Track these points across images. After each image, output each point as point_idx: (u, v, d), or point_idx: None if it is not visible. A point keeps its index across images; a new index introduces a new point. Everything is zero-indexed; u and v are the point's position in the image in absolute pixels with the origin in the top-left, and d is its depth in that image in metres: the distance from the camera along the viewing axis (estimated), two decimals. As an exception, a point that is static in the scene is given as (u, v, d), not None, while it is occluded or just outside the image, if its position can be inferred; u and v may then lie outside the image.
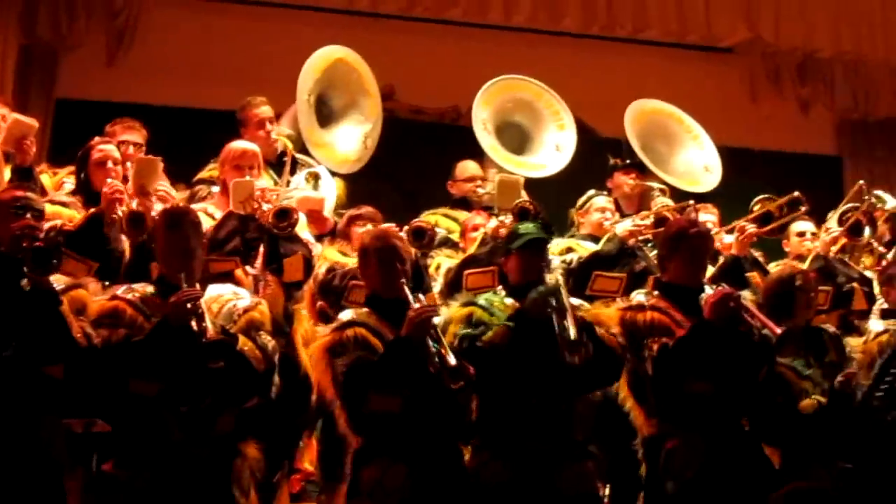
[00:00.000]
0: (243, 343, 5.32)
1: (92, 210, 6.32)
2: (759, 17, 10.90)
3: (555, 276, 5.59)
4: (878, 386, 5.82)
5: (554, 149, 8.21)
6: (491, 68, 8.50)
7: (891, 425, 5.79)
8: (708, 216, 7.86)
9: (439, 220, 7.63)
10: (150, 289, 5.43)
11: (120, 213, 6.18)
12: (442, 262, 7.04)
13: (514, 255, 5.70)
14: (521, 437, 5.40)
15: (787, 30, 10.95)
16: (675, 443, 5.57)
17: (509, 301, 5.60)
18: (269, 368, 5.40)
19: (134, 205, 6.24)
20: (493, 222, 6.91)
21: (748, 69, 11.60)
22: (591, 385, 5.59)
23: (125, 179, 6.54)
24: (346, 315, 5.47)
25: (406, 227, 6.77)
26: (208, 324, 5.16)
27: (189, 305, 5.14)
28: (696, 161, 8.50)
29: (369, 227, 7.01)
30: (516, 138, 8.25)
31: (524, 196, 7.12)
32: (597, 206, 7.73)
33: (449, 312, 5.60)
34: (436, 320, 5.33)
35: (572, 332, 5.31)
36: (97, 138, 6.84)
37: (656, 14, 10.73)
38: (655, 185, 8.07)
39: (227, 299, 5.50)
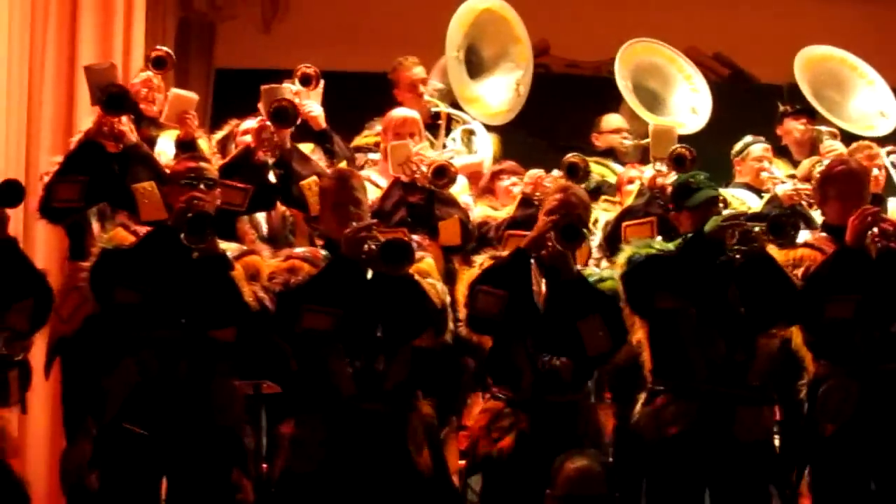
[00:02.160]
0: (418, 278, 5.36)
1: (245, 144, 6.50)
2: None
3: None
4: None
5: (689, 111, 8.10)
6: (645, 19, 8.43)
7: None
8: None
9: (591, 166, 7.54)
10: (322, 252, 5.51)
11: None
12: (599, 216, 7.00)
13: (688, 211, 5.67)
14: (700, 381, 5.42)
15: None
16: (831, 384, 5.50)
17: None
18: (444, 307, 5.44)
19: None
20: (650, 172, 6.83)
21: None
22: (768, 323, 5.53)
23: None
24: None
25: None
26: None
27: (363, 234, 5.21)
28: (870, 106, 8.30)
29: (515, 179, 7.05)
30: (649, 101, 8.16)
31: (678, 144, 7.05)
32: (754, 155, 7.59)
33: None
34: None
35: None
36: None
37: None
38: (825, 129, 7.90)
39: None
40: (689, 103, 8.15)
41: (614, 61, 8.03)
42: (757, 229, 5.42)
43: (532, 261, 5.46)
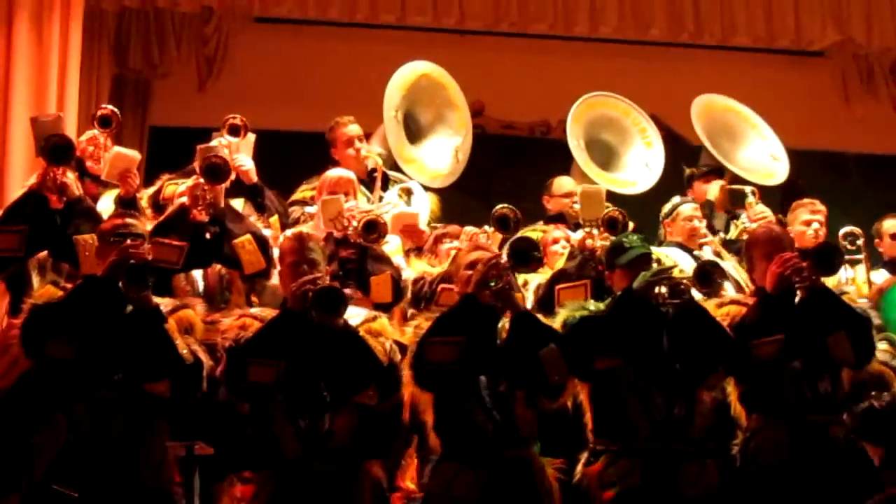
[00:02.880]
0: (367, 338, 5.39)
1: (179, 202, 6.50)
2: (849, 19, 10.75)
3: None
4: None
5: (643, 166, 8.18)
6: (579, 81, 8.53)
7: None
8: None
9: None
10: (269, 313, 5.52)
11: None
12: (530, 279, 7.02)
13: (621, 270, 5.76)
14: (642, 438, 5.49)
15: (878, 31, 10.78)
16: (762, 437, 5.57)
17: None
18: (392, 366, 5.44)
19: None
20: (580, 234, 6.89)
21: (840, 72, 11.44)
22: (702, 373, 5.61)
23: None
24: None
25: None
26: None
27: (308, 287, 5.24)
28: (761, 153, 8.44)
29: (456, 244, 7.09)
30: (604, 155, 8.23)
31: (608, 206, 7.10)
32: (684, 215, 7.69)
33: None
34: None
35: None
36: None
37: (744, 20, 10.62)
38: (747, 187, 8.00)
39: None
40: (643, 159, 8.22)
41: (547, 122, 8.11)
42: (685, 282, 5.51)
43: None
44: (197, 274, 6.66)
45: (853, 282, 7.29)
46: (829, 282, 6.26)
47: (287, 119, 9.71)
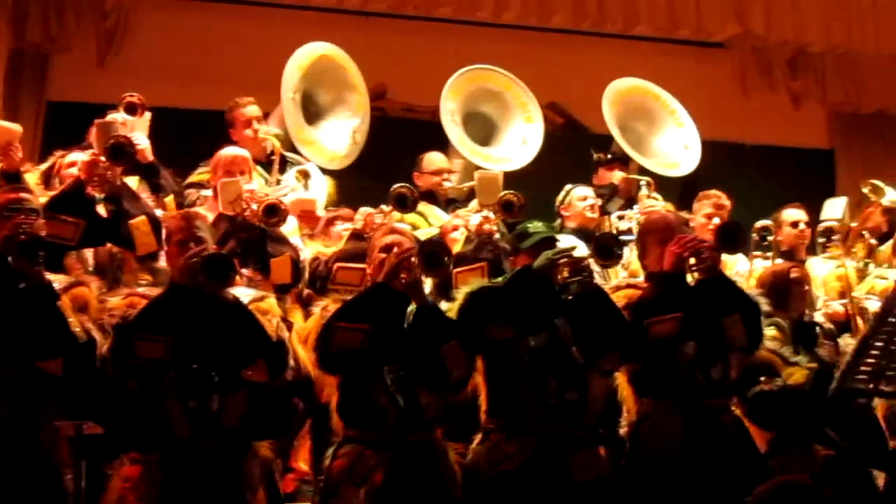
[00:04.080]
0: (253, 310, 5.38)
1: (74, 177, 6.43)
2: (749, 12, 10.89)
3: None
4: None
5: (520, 142, 8.19)
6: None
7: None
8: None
9: (404, 217, 7.55)
10: (157, 291, 5.48)
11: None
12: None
13: (525, 254, 5.80)
14: (534, 420, 5.52)
15: (777, 24, 10.93)
16: (655, 421, 5.63)
17: None
18: (280, 342, 5.41)
19: None
20: (477, 218, 6.91)
21: (739, 64, 11.57)
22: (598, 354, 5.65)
23: None
24: None
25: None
26: None
27: (195, 260, 5.21)
28: (675, 141, 8.51)
29: (348, 225, 7.08)
30: (482, 128, 8.23)
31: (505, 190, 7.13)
32: (578, 196, 7.77)
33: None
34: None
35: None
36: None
37: (646, 10, 10.71)
38: (643, 178, 8.06)
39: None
40: (521, 134, 8.22)
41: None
42: (586, 262, 5.56)
43: None
44: (88, 253, 6.58)
45: (751, 275, 7.37)
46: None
47: (187, 97, 9.61)
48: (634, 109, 8.53)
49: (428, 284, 6.73)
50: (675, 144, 8.56)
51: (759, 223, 7.78)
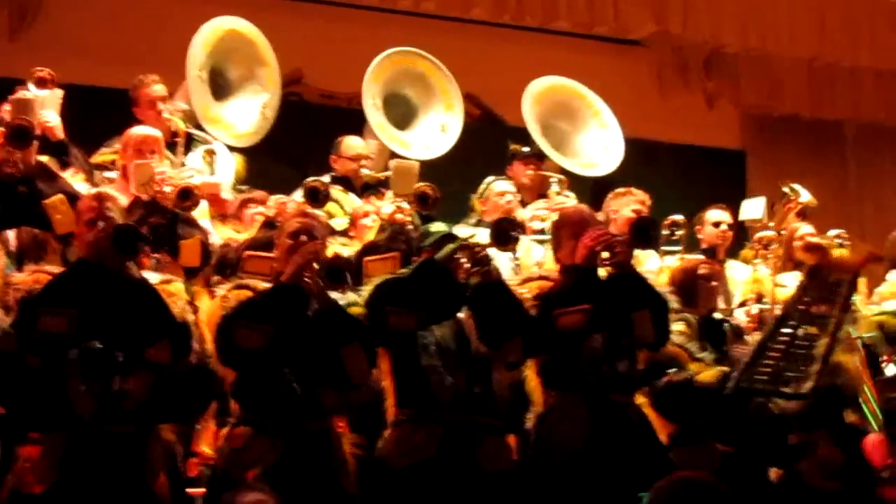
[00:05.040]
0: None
1: None
2: (667, 11, 10.98)
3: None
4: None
5: (439, 129, 8.19)
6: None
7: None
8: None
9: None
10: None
11: None
12: (338, 252, 7.00)
13: (427, 253, 5.84)
14: (443, 408, 5.53)
15: (694, 24, 11.04)
16: (561, 414, 5.67)
17: None
18: (185, 324, 5.36)
19: None
20: (390, 208, 6.90)
21: (656, 62, 11.68)
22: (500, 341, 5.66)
23: None
24: None
25: None
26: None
27: (103, 234, 5.15)
28: (597, 141, 8.54)
29: (262, 209, 7.04)
30: (402, 111, 8.21)
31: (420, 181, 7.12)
32: (496, 192, 7.79)
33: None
34: None
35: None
36: None
37: (566, 5, 10.77)
38: (555, 176, 8.09)
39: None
40: (440, 121, 8.21)
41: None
42: (486, 252, 5.58)
43: None
44: (10, 232, 6.50)
45: (661, 271, 7.43)
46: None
47: (100, 75, 9.50)
48: (559, 107, 8.56)
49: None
50: (596, 145, 8.59)
51: (670, 218, 7.83)
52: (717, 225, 8.08)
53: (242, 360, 5.35)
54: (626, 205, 7.67)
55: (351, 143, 8.17)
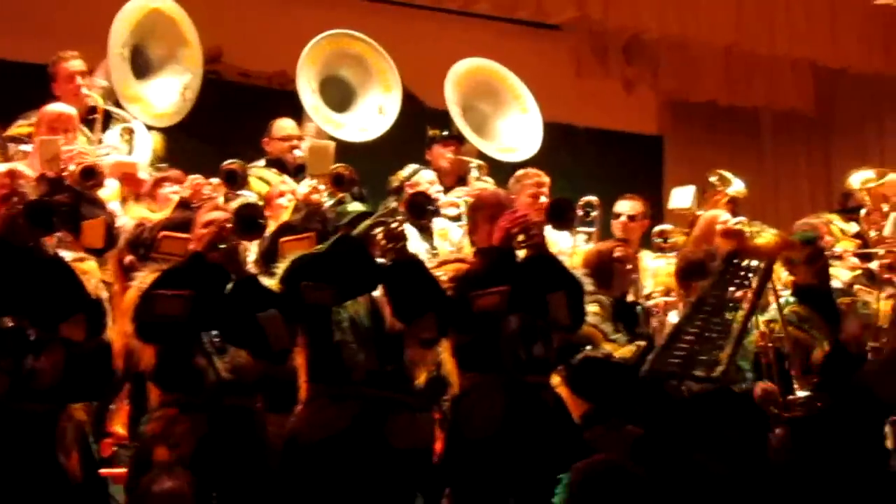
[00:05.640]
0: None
1: None
2: (588, -4, 11.02)
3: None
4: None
5: (377, 111, 8.17)
6: (319, 33, 8.44)
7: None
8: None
9: (251, 185, 7.49)
10: None
11: None
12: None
13: (344, 231, 5.78)
14: (356, 385, 5.53)
15: (614, 9, 11.07)
16: (476, 396, 5.70)
17: None
18: (99, 301, 5.32)
19: None
20: (305, 188, 6.88)
21: (575, 47, 11.73)
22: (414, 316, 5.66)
23: None
24: None
25: None
26: None
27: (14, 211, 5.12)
28: (517, 126, 8.55)
29: (177, 188, 6.99)
30: (340, 94, 8.17)
31: (336, 162, 7.09)
32: (427, 179, 7.82)
33: None
34: None
35: None
36: None
37: (487, -13, 10.78)
38: (474, 161, 8.10)
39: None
40: (378, 102, 8.19)
41: (285, 73, 8.01)
42: (402, 228, 5.60)
43: None
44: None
45: (574, 252, 7.46)
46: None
47: (19, 49, 9.38)
48: (481, 89, 8.54)
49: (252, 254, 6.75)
50: (516, 129, 8.59)
51: (584, 199, 7.86)
52: (622, 216, 8.11)
53: (162, 331, 5.31)
54: (525, 188, 7.68)
55: (282, 125, 8.12)
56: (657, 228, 8.01)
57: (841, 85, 12.50)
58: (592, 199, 7.90)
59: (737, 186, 8.41)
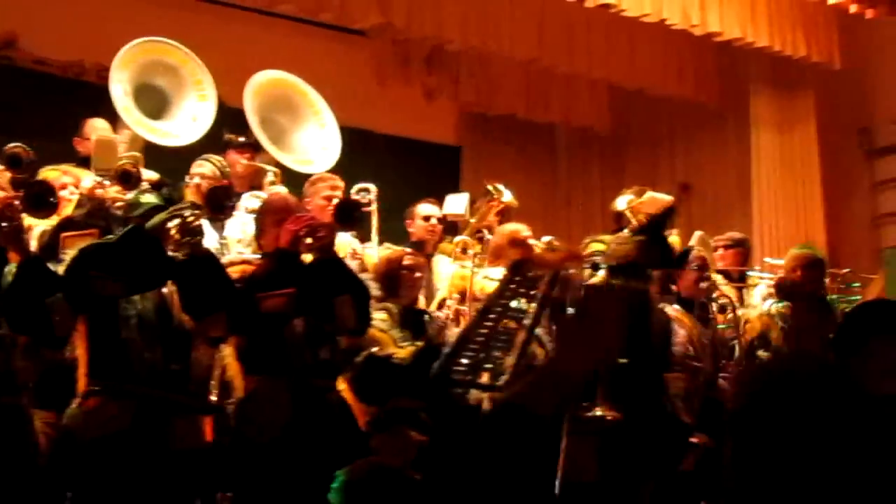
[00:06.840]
0: None
1: None
2: (392, 4, 11.00)
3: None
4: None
5: (190, 119, 8.07)
6: (120, 27, 8.35)
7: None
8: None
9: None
10: None
11: None
12: (34, 224, 6.80)
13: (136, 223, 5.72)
14: (137, 383, 5.46)
15: (418, 19, 11.11)
16: (262, 399, 5.69)
17: None
18: None
19: None
20: (89, 182, 6.76)
21: (378, 54, 11.77)
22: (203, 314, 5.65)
23: None
24: None
25: None
26: None
27: None
28: (315, 139, 8.55)
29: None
30: (154, 102, 8.06)
31: (123, 157, 6.97)
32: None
33: None
34: None
35: None
36: None
37: (292, -11, 10.73)
38: (270, 168, 8.07)
39: None
40: (192, 111, 8.08)
41: (81, 63, 7.86)
42: (198, 223, 5.55)
43: None
44: None
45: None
46: (341, 250, 6.50)
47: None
48: (279, 102, 8.49)
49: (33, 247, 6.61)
50: (313, 143, 8.58)
51: (357, 185, 7.93)
52: (427, 219, 8.21)
53: None
54: (319, 191, 7.69)
55: (93, 124, 7.92)
56: (458, 238, 8.11)
57: (636, 105, 12.80)
58: (369, 185, 7.96)
59: (507, 197, 8.57)
